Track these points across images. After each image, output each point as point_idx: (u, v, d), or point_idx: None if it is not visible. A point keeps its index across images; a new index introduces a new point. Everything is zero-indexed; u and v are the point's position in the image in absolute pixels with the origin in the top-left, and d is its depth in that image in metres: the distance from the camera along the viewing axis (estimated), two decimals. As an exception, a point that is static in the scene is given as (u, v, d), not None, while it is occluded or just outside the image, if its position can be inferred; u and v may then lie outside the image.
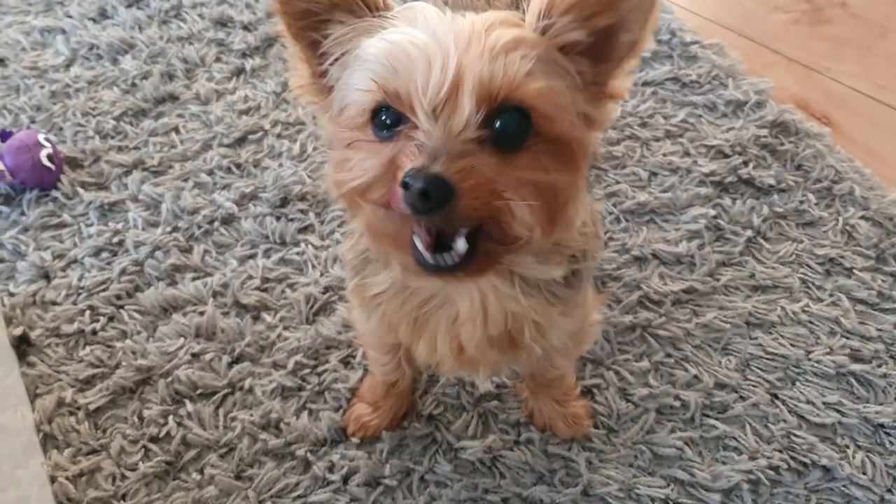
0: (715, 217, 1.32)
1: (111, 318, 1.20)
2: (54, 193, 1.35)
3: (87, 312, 1.20)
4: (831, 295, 1.24)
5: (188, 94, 1.53)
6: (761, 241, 1.30)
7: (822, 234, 1.31)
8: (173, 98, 1.53)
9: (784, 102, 1.52)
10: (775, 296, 1.23)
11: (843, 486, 1.04)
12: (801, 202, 1.35)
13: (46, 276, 1.24)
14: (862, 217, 1.33)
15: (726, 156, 1.41)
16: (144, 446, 1.07)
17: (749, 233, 1.31)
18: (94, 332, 1.18)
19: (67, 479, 1.03)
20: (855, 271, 1.26)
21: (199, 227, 1.31)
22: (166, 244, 1.28)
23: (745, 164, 1.40)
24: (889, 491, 1.04)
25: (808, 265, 1.27)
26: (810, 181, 1.38)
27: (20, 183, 1.33)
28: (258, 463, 1.05)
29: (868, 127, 1.53)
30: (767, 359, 1.16)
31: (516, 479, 1.04)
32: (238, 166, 1.40)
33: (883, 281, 1.25)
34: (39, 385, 1.12)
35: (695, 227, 1.30)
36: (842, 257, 1.28)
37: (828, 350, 1.17)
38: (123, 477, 1.04)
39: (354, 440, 1.08)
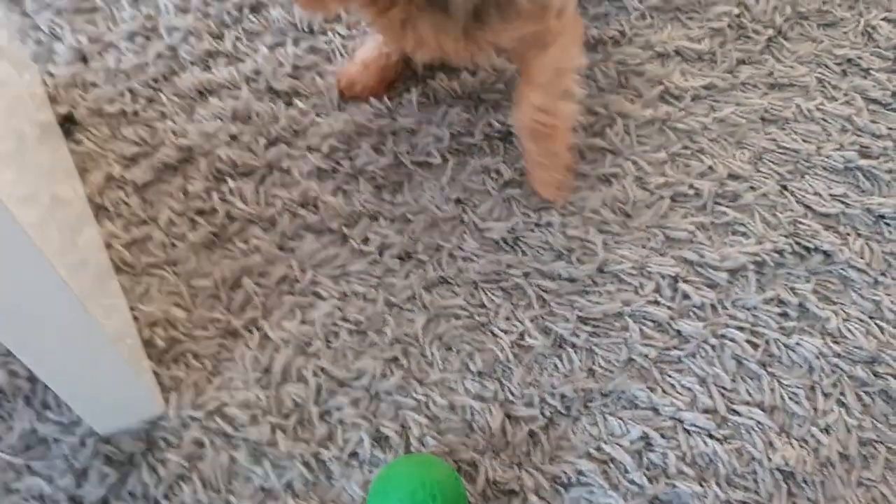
0: (738, 15, 1.34)
1: (150, 100, 1.24)
2: (84, -23, 1.35)
3: (127, 94, 1.24)
4: (846, 94, 1.27)
5: None
6: (782, 40, 1.32)
7: (843, 35, 1.33)
8: None
9: None
10: (791, 94, 1.27)
11: (842, 269, 1.12)
12: (825, 2, 1.36)
13: (84, 59, 1.27)
14: (884, 18, 1.34)
15: (753, -46, 1.41)
16: (191, 218, 1.13)
17: (770, 32, 1.33)
18: (136, 113, 1.22)
19: (122, 246, 1.11)
20: (871, 72, 1.29)
21: (229, 14, 1.32)
22: (198, 30, 1.30)
23: (772, -38, 1.40)
24: (883, 275, 1.12)
25: (825, 65, 1.30)
26: (835, -19, 1.38)
27: (49, -35, 1.34)
28: (299, 236, 1.13)
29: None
30: (779, 152, 1.21)
31: (537, 256, 1.12)
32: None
33: (898, 81, 1.29)
34: (87, 161, 1.17)
35: (717, 25, 1.32)
36: (860, 58, 1.31)
37: (838, 146, 1.22)
38: (173, 245, 1.12)
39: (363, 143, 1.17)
